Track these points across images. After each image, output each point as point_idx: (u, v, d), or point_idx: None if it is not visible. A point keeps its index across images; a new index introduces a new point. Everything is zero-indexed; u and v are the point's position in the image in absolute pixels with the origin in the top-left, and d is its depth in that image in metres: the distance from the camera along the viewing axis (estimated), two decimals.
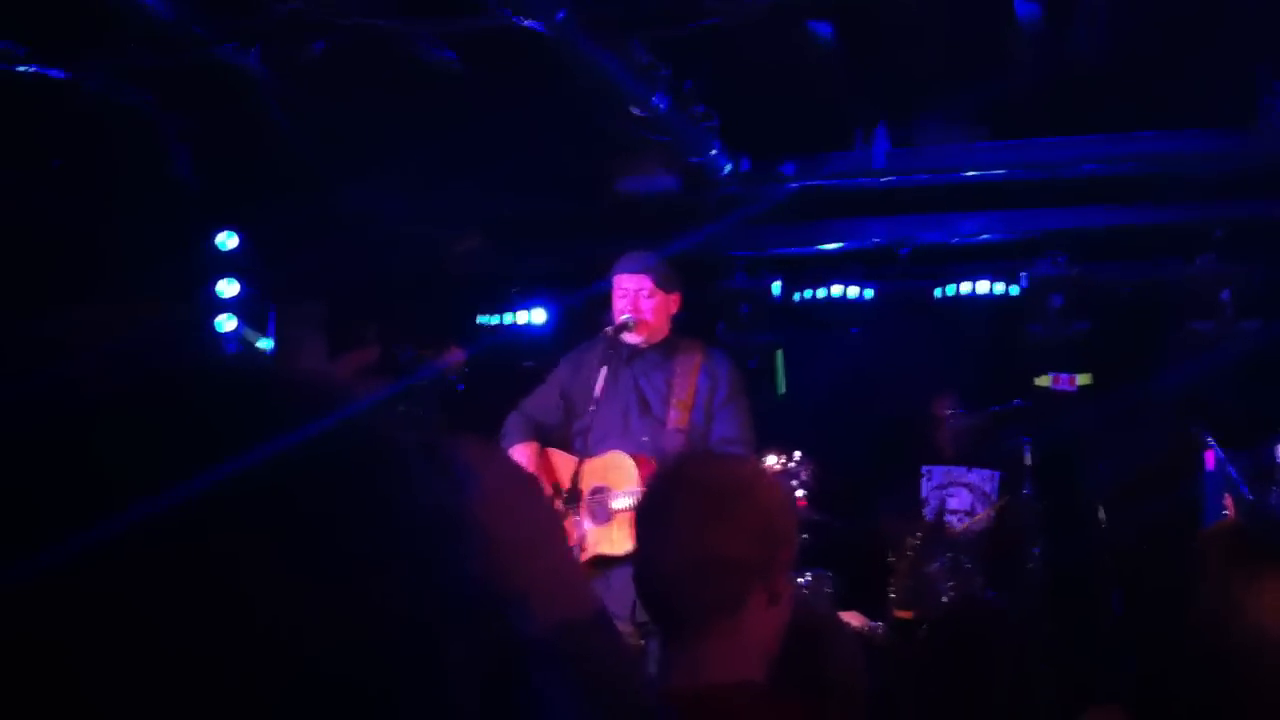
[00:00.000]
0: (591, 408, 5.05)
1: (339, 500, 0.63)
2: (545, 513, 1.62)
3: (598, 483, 5.13)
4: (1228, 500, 6.60)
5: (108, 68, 5.09)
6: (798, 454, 5.55)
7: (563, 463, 5.17)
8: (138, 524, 0.57)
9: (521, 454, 5.12)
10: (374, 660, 0.60)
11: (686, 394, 5.20)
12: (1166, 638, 1.78)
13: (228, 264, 7.14)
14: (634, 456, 5.08)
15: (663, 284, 5.21)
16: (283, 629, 0.57)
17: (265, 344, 7.42)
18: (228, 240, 7.13)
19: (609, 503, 5.11)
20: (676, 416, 5.17)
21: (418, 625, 0.62)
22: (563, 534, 1.68)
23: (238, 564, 0.58)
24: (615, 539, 5.04)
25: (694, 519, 1.95)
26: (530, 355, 7.71)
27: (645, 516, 2.02)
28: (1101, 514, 6.85)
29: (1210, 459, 6.84)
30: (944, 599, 6.69)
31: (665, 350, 5.27)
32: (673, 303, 5.27)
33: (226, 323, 7.20)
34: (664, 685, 1.93)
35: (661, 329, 5.25)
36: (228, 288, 7.20)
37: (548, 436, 5.34)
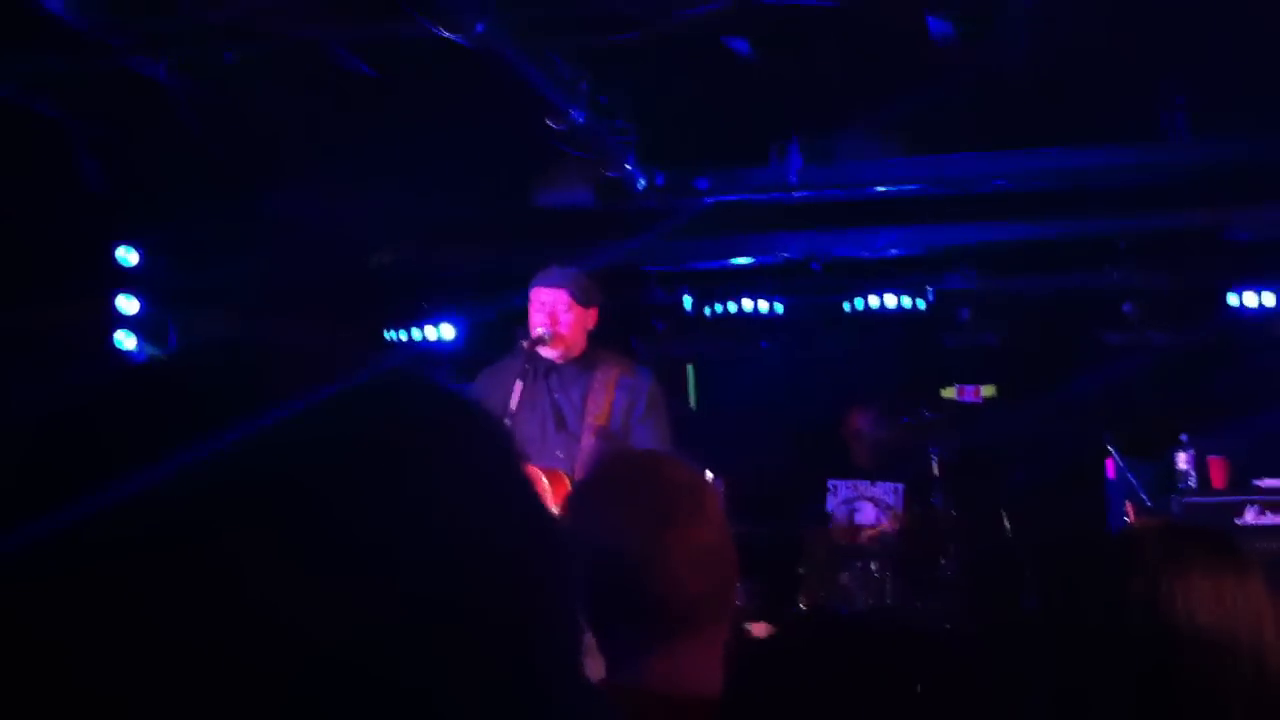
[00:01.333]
0: (506, 422, 5.01)
1: (352, 477, 0.60)
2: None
3: None
4: (1129, 507, 6.78)
5: (17, 76, 4.95)
6: (708, 474, 5.54)
7: None
8: (139, 512, 0.55)
9: None
10: (399, 644, 0.58)
11: (602, 409, 5.18)
12: (1092, 629, 1.80)
13: (128, 279, 6.99)
14: (547, 472, 5.04)
15: (581, 298, 5.19)
16: (301, 616, 0.56)
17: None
18: (128, 255, 6.99)
19: None
20: (593, 431, 5.15)
21: (440, 607, 0.60)
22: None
23: (252, 550, 0.56)
24: None
25: (688, 513, 1.89)
26: (439, 371, 7.65)
27: (628, 506, 1.91)
28: (1006, 521, 6.99)
29: (1110, 467, 7.02)
30: (858, 608, 6.77)
31: (583, 365, 5.24)
32: (590, 317, 5.25)
33: (125, 339, 7.05)
34: (630, 685, 1.85)
35: (579, 343, 5.22)
36: (127, 304, 7.05)
37: None
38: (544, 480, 5.03)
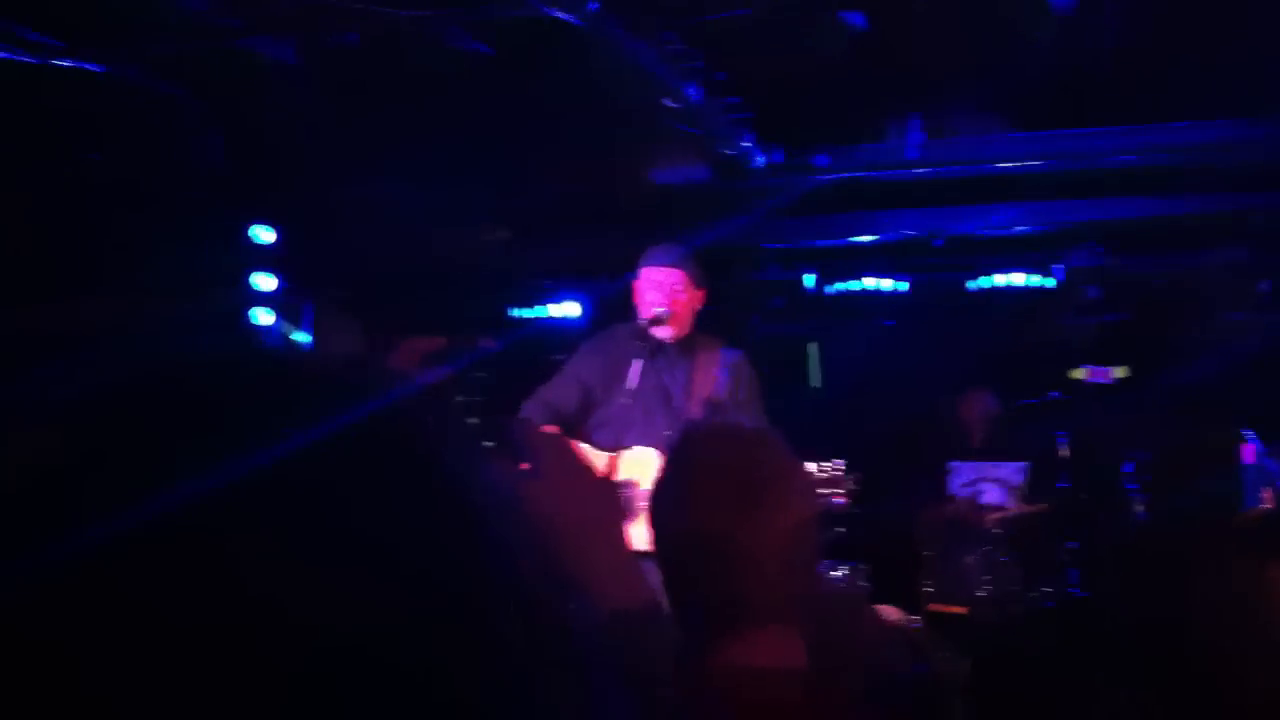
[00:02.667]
0: (624, 400, 5.02)
1: (387, 484, 0.62)
2: (603, 501, 1.62)
3: (625, 478, 5.12)
4: (1266, 494, 6.55)
5: (142, 59, 5.12)
6: (840, 462, 5.48)
7: (589, 456, 5.17)
8: (174, 514, 0.57)
9: None
10: (426, 647, 0.59)
11: (709, 389, 5.18)
12: (1186, 622, 1.77)
13: (263, 257, 7.15)
14: (661, 453, 5.07)
15: (694, 279, 5.20)
16: (324, 616, 0.57)
17: (302, 337, 7.45)
18: (263, 234, 7.13)
19: (636, 498, 5.10)
20: (699, 411, 5.15)
21: (472, 610, 0.62)
22: (619, 524, 1.67)
23: (264, 548, 0.58)
24: (644, 534, 5.02)
25: (780, 497, 1.86)
26: (564, 349, 7.70)
27: (716, 489, 1.87)
28: (1139, 507, 6.80)
29: (1249, 452, 6.79)
30: (979, 593, 6.66)
31: (687, 345, 5.24)
32: (699, 298, 5.26)
33: (263, 316, 7.21)
34: (709, 663, 1.84)
35: (689, 324, 5.23)
36: (264, 281, 7.19)
37: (565, 426, 5.30)
38: (659, 460, 5.05)
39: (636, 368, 4.99)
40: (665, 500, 1.95)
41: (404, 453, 0.65)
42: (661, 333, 5.16)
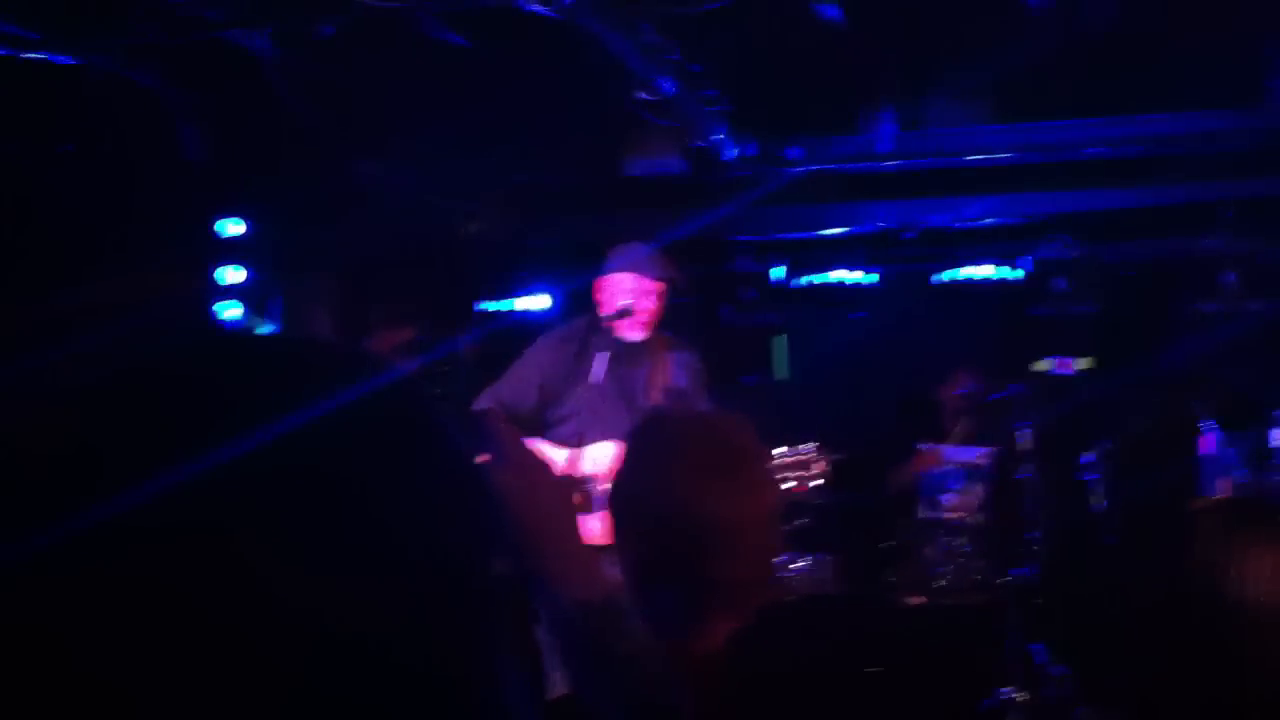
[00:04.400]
0: (586, 395, 5.02)
1: (372, 469, 0.63)
2: (561, 495, 1.63)
3: (587, 472, 5.11)
4: (1223, 484, 6.63)
5: (117, 48, 5.07)
6: (811, 446, 5.46)
7: (548, 452, 5.15)
8: (162, 501, 0.57)
9: None
10: (405, 633, 0.60)
11: (666, 383, 5.19)
12: (1156, 605, 1.79)
13: (232, 249, 7.08)
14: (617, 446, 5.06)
15: (660, 280, 5.20)
16: (312, 603, 0.58)
17: (268, 330, 7.39)
18: (231, 226, 7.06)
19: (596, 493, 5.09)
20: (660, 403, 5.15)
21: (451, 594, 0.63)
22: (574, 518, 1.68)
23: (267, 538, 0.58)
24: (604, 529, 5.02)
25: (754, 478, 1.87)
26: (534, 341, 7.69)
27: (702, 462, 1.86)
28: (1096, 496, 6.87)
29: (1209, 441, 6.87)
30: (941, 583, 6.70)
31: (648, 342, 5.25)
32: (664, 295, 5.27)
33: (230, 310, 7.15)
34: (684, 648, 1.83)
35: (654, 322, 5.23)
36: (232, 275, 7.12)
37: (517, 422, 5.24)
38: (613, 453, 5.06)
39: (601, 362, 4.99)
40: (635, 481, 1.93)
41: (398, 438, 0.65)
42: (627, 331, 5.15)
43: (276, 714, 0.56)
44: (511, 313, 8.22)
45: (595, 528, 5.06)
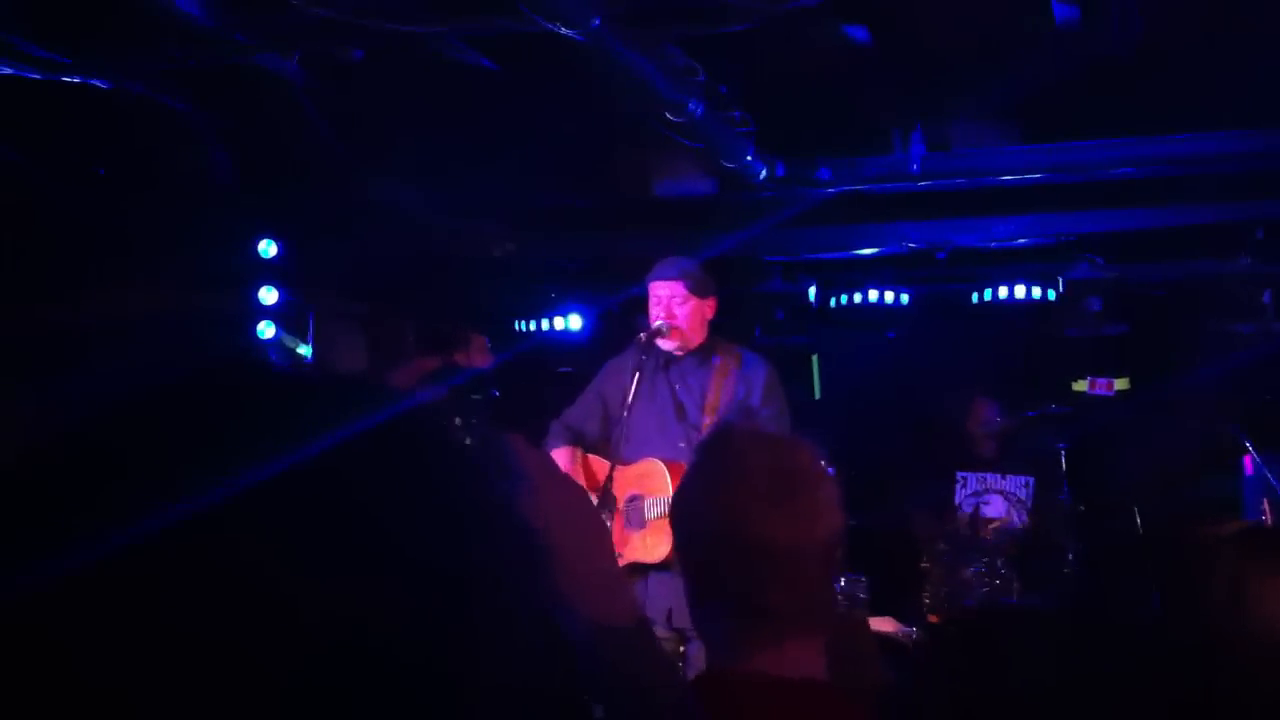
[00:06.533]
0: (625, 414, 5.05)
1: (390, 495, 0.63)
2: (591, 516, 1.63)
3: (632, 490, 5.14)
4: (1265, 505, 6.55)
5: (148, 73, 5.13)
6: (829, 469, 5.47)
7: (600, 468, 5.18)
8: (183, 519, 0.58)
9: (559, 459, 5.11)
10: (421, 655, 0.60)
11: (721, 399, 5.20)
12: (1179, 632, 1.78)
13: (268, 270, 7.16)
14: (668, 463, 5.08)
15: (697, 290, 5.21)
16: (329, 624, 0.58)
17: (305, 350, 7.45)
18: (268, 248, 7.13)
19: (643, 510, 5.12)
20: (711, 422, 5.16)
21: (467, 619, 0.63)
22: (608, 539, 1.69)
23: (286, 559, 0.59)
24: (649, 546, 5.05)
25: (814, 503, 1.82)
26: (567, 361, 7.73)
27: (750, 491, 1.82)
28: (1137, 518, 6.80)
29: (1249, 463, 6.79)
30: (970, 603, 6.65)
31: (702, 356, 5.27)
32: (708, 308, 5.27)
33: (266, 329, 7.22)
34: (732, 671, 1.81)
35: (696, 335, 5.24)
36: (267, 295, 7.20)
37: (590, 445, 5.34)
38: (665, 471, 5.07)
39: (635, 381, 5.03)
40: (694, 501, 1.90)
41: (418, 462, 0.66)
42: (665, 345, 5.19)
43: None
44: (544, 333, 8.25)
45: (641, 545, 5.09)
